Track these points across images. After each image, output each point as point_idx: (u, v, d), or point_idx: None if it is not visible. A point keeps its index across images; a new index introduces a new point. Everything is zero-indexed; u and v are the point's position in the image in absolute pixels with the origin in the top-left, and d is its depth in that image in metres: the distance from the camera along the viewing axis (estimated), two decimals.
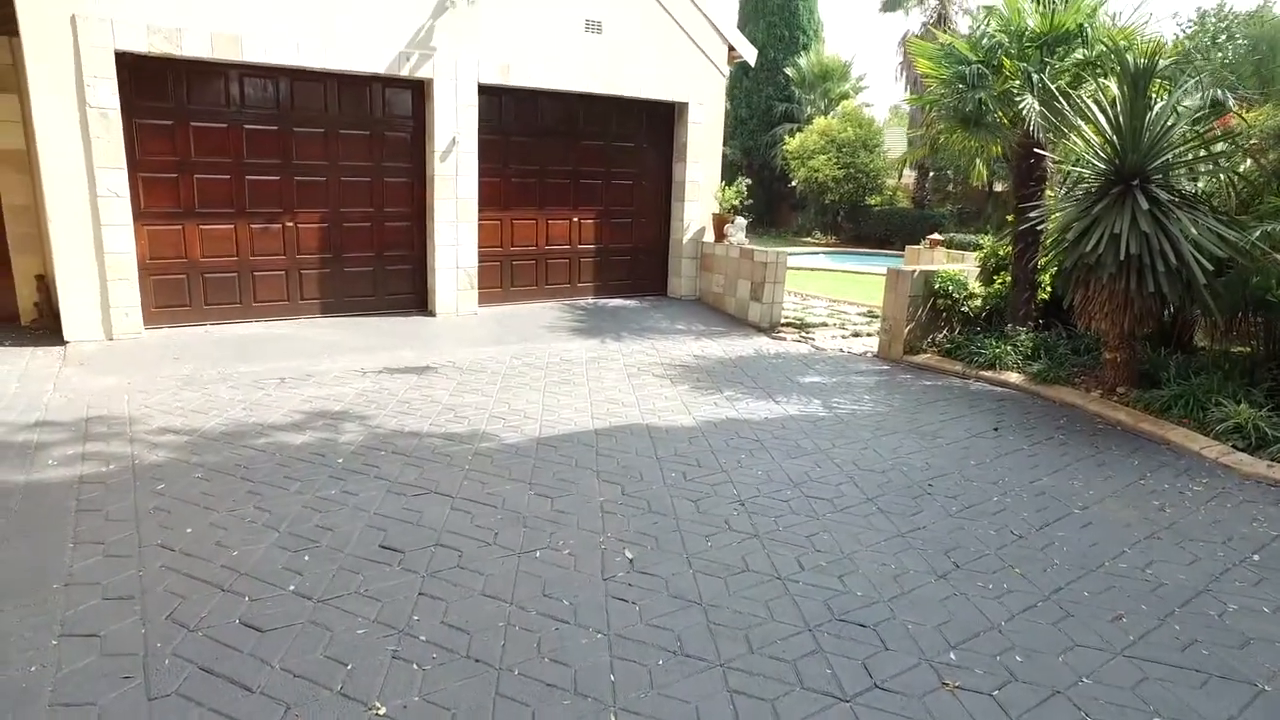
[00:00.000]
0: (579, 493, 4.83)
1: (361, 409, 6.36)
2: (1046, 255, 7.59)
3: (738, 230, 10.69)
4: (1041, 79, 7.40)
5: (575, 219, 10.68)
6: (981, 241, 11.25)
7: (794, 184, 24.45)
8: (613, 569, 3.93)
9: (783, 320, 10.49)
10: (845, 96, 25.83)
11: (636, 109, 10.74)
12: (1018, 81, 7.33)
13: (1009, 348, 8.18)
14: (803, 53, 25.70)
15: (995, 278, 9.12)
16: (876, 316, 11.41)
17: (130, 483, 4.76)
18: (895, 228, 23.50)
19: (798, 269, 16.91)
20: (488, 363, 8.05)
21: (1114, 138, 6.74)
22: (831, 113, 24.98)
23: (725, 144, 29.59)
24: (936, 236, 11.70)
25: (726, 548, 4.20)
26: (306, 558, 3.93)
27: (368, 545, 4.09)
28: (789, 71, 25.62)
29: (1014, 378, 7.87)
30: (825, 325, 10.70)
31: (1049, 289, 8.62)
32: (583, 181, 10.65)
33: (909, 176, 25.60)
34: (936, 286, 8.74)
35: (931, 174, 24.04)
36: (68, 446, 5.32)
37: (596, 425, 6.14)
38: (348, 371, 7.52)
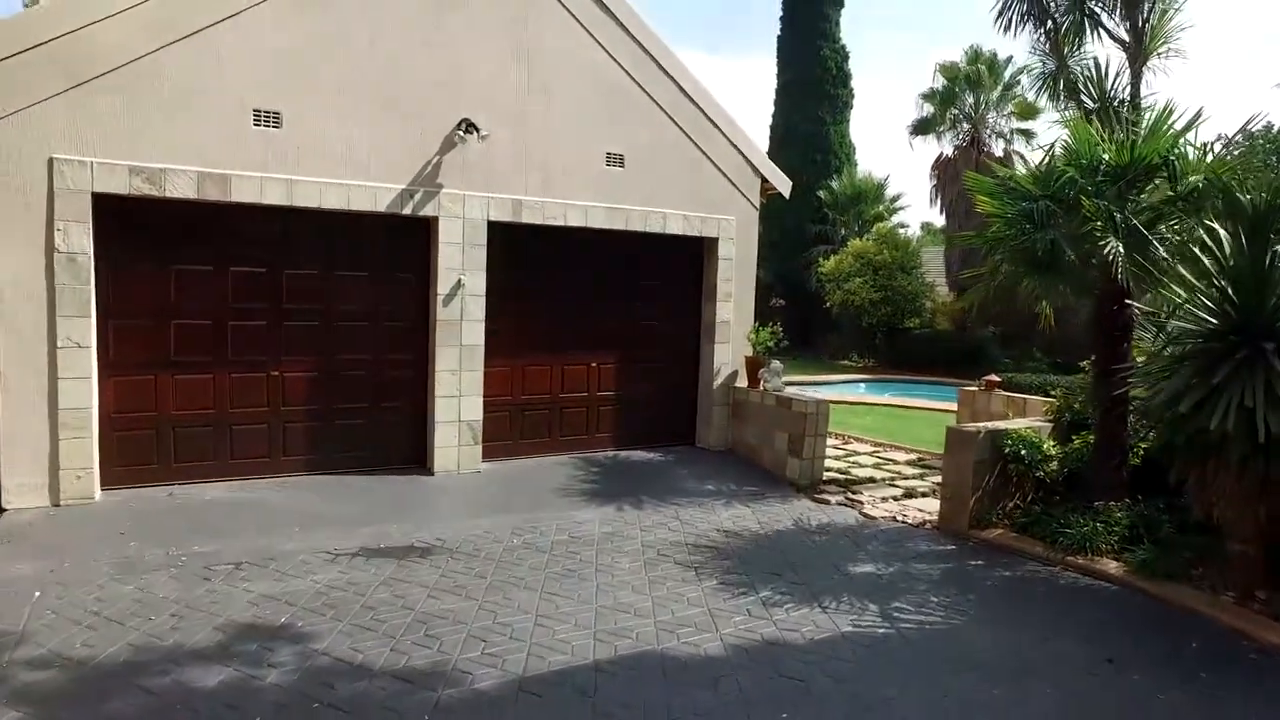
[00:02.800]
0: None
1: (313, 620, 5.07)
2: (1146, 424, 6.24)
3: (773, 375, 9.49)
4: (1127, 219, 6.23)
5: (594, 364, 9.57)
6: (1051, 389, 9.88)
7: (829, 306, 23.42)
8: None
9: (825, 477, 9.12)
10: (880, 218, 25.12)
11: (662, 245, 9.79)
12: (1099, 222, 6.16)
13: (1099, 525, 6.71)
14: (835, 176, 25.18)
15: (1074, 436, 7.72)
16: (929, 467, 10.02)
17: None
18: (936, 351, 22.18)
19: (838, 402, 15.61)
20: (483, 541, 6.77)
21: (1229, 289, 5.48)
22: (866, 234, 24.18)
23: (758, 267, 29.04)
24: (994, 378, 10.36)
25: None
26: None
27: None
28: (821, 194, 25.04)
29: (1112, 567, 6.37)
30: (873, 481, 9.29)
31: (1140, 452, 7.20)
32: (602, 323, 9.60)
33: (949, 297, 24.44)
34: (1007, 450, 7.36)
35: (964, 292, 22.87)
36: None
37: (599, 654, 4.77)
38: (318, 554, 6.29)
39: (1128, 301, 6.59)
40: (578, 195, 8.96)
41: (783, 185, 10.28)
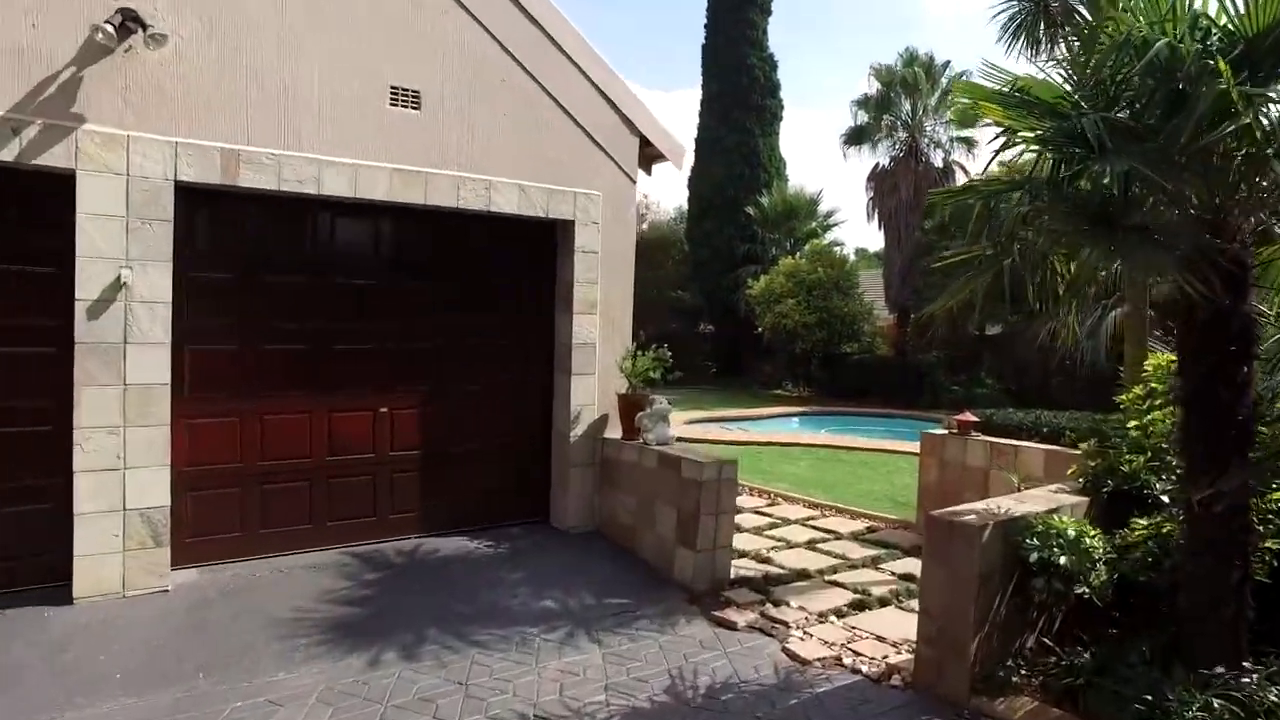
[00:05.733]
0: None
1: None
2: None
3: (656, 421, 6.05)
4: None
5: (385, 409, 6.01)
6: (1050, 431, 6.64)
7: (760, 331, 20.26)
8: None
9: (733, 574, 5.70)
10: (813, 235, 22.18)
11: (492, 229, 6.34)
12: (1246, 119, 2.90)
13: (1223, 707, 3.39)
14: (764, 190, 22.17)
15: (1134, 521, 4.42)
16: (885, 545, 6.73)
17: None
18: (876, 378, 19.17)
19: (766, 444, 12.29)
20: None
21: None
22: (799, 252, 21.20)
23: (685, 288, 25.65)
24: (969, 416, 7.10)
25: None
26: None
27: None
28: (750, 210, 21.98)
29: None
30: (806, 577, 5.88)
31: (1273, 557, 3.93)
32: (399, 347, 6.07)
33: (888, 320, 21.50)
34: (1032, 557, 4.02)
35: (913, 317, 19.95)
36: None
37: None
38: None
39: None
40: (343, 148, 5.48)
41: (672, 151, 6.93)
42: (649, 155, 6.94)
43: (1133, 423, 5.07)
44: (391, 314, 6.01)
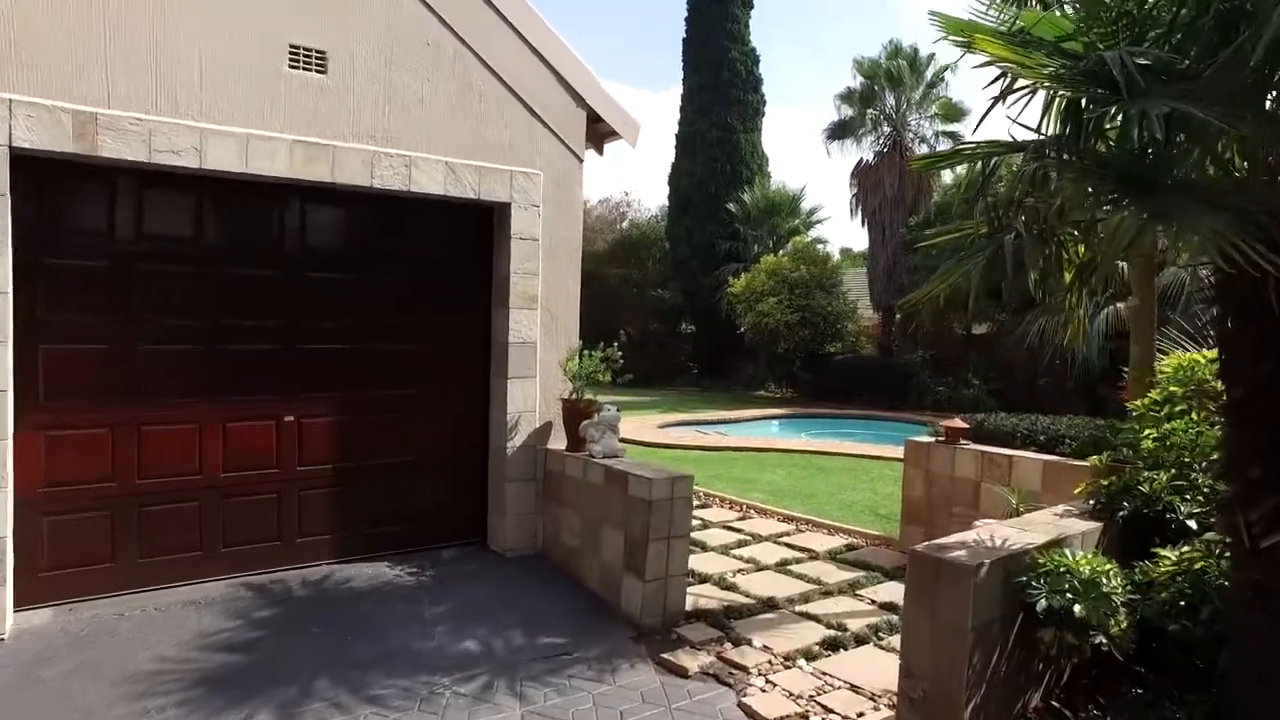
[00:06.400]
0: None
1: None
2: None
3: (602, 430, 5.23)
4: None
5: (290, 417, 5.16)
6: (1048, 439, 5.85)
7: (742, 331, 19.48)
8: None
9: (689, 605, 4.89)
10: (795, 232, 21.40)
11: (418, 213, 5.51)
12: None
13: None
14: (746, 187, 21.40)
15: (1160, 555, 3.63)
16: (866, 566, 5.94)
17: None
18: (859, 379, 18.44)
19: (742, 449, 11.50)
20: None
21: None
22: (781, 250, 20.45)
23: (665, 286, 24.79)
24: (958, 423, 6.31)
25: None
26: None
27: None
28: (731, 207, 21.21)
29: None
30: (773, 607, 5.08)
31: None
32: (307, 347, 5.23)
33: (873, 320, 20.78)
34: (1040, 604, 3.22)
35: (897, 309, 19.22)
36: None
37: None
38: None
39: None
40: (230, 115, 4.63)
41: (625, 126, 6.09)
42: (600, 132, 6.11)
43: (1149, 432, 4.30)
44: (299, 310, 5.17)
